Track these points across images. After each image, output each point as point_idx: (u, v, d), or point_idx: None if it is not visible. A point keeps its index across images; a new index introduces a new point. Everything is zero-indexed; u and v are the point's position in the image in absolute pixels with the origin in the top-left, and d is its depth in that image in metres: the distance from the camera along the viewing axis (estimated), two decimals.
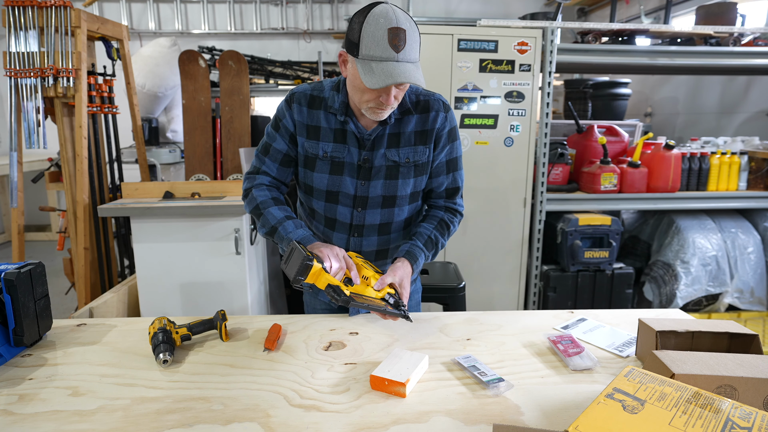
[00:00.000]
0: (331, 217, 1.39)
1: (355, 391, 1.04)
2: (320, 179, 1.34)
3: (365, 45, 1.11)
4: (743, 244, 3.17)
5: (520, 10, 5.81)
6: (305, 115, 1.31)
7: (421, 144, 1.33)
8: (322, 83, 1.34)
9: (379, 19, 1.10)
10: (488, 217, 3.01)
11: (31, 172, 4.54)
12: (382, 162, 1.32)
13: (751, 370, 0.91)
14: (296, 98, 1.32)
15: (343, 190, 1.34)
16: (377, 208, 1.37)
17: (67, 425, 0.92)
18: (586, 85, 4.13)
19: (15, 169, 2.58)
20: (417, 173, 1.36)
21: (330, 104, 1.30)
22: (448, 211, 1.44)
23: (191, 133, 3.72)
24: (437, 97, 1.35)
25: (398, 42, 1.09)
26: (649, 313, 1.50)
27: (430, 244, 1.37)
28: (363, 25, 1.12)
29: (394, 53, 1.10)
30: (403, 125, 1.32)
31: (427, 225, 1.39)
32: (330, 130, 1.31)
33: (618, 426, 0.73)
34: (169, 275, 2.47)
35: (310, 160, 1.34)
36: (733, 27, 3.13)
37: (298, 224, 1.30)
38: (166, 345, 1.15)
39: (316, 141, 1.32)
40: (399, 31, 1.09)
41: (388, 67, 1.10)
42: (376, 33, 1.09)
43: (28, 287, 1.18)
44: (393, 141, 1.32)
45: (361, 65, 1.13)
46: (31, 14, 2.44)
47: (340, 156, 1.32)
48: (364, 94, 1.18)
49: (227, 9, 5.66)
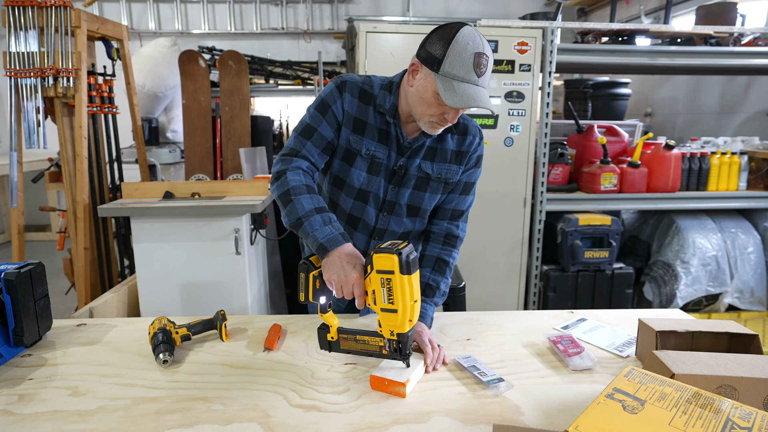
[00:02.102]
0: (356, 216, 1.38)
1: (355, 391, 1.04)
2: (357, 176, 1.33)
3: (450, 63, 1.13)
4: (743, 244, 3.17)
5: (520, 10, 5.81)
6: (356, 107, 1.29)
7: (456, 164, 1.35)
8: (372, 79, 1.32)
9: (468, 41, 1.13)
10: (488, 217, 3.01)
11: (31, 172, 4.53)
12: (415, 172, 1.33)
13: (751, 370, 0.91)
14: (348, 87, 1.28)
15: (374, 191, 1.34)
16: (402, 216, 1.38)
17: (67, 425, 0.92)
18: (586, 85, 4.13)
19: (15, 169, 2.58)
20: (445, 190, 1.38)
21: (380, 103, 1.29)
22: (446, 241, 1.39)
23: (191, 133, 3.73)
24: (475, 124, 1.39)
25: (481, 67, 1.13)
26: (649, 313, 1.50)
27: (430, 290, 1.33)
28: (451, 43, 1.13)
29: (476, 77, 1.13)
30: (442, 142, 1.33)
31: (423, 271, 1.34)
32: (375, 128, 1.30)
33: (618, 426, 0.73)
34: (169, 275, 2.47)
35: (351, 155, 1.32)
36: (733, 27, 3.13)
37: (326, 219, 1.18)
38: (166, 345, 1.15)
39: (361, 137, 1.30)
40: (483, 57, 1.13)
41: (469, 89, 1.13)
42: (464, 54, 1.12)
43: (28, 287, 1.18)
44: (430, 154, 1.33)
45: (441, 81, 1.14)
46: (31, 14, 2.44)
47: (381, 157, 1.32)
48: (431, 107, 1.19)
49: (227, 9, 5.66)
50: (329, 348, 1.14)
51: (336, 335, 1.12)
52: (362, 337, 1.11)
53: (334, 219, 1.20)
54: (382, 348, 1.08)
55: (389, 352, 1.07)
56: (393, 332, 1.05)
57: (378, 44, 2.71)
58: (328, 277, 1.10)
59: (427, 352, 1.14)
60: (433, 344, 1.17)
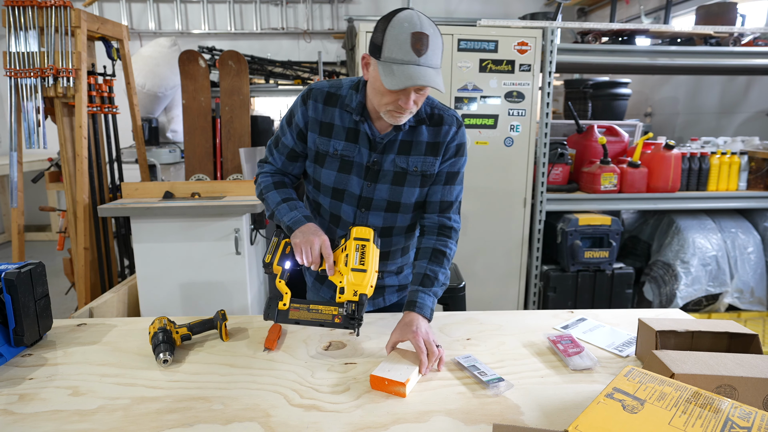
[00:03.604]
0: (335, 214, 1.40)
1: (355, 391, 1.04)
2: (328, 176, 1.35)
3: (388, 48, 1.13)
4: (743, 244, 3.17)
5: (520, 10, 5.81)
6: (320, 111, 1.32)
7: (432, 155, 1.34)
8: (341, 81, 1.35)
9: (403, 23, 1.12)
10: (488, 217, 3.01)
11: (31, 172, 4.53)
12: (390, 167, 1.33)
13: (751, 370, 0.91)
14: (313, 95, 1.33)
15: (349, 189, 1.36)
16: (381, 212, 1.38)
17: (67, 425, 0.92)
18: (586, 85, 4.13)
19: (15, 169, 2.58)
20: (424, 183, 1.36)
21: (347, 102, 1.31)
22: (441, 232, 1.38)
23: (191, 133, 3.72)
24: (452, 112, 1.37)
25: (420, 46, 1.11)
26: (649, 313, 1.50)
27: (428, 280, 1.29)
28: (387, 28, 1.14)
29: (415, 57, 1.11)
30: (416, 134, 1.33)
31: (421, 263, 1.34)
32: (343, 128, 1.32)
33: (618, 426, 0.73)
34: (169, 275, 2.47)
35: (321, 157, 1.35)
36: (733, 27, 3.13)
37: (292, 206, 1.33)
38: (166, 345, 1.15)
39: (328, 138, 1.33)
40: (422, 36, 1.11)
41: (409, 69, 1.11)
42: (400, 36, 1.11)
43: (28, 287, 1.18)
44: (404, 148, 1.33)
45: (382, 67, 1.14)
46: (31, 14, 2.44)
47: (350, 155, 1.33)
48: (384, 96, 1.19)
49: (227, 9, 5.66)
50: (275, 317, 1.14)
51: (288, 304, 1.14)
52: (315, 306, 1.15)
53: (300, 206, 1.34)
54: (335, 317, 1.14)
55: (342, 320, 1.12)
56: (356, 292, 1.15)
57: None
58: (294, 240, 1.23)
59: (421, 360, 1.09)
60: (429, 347, 1.12)
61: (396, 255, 1.48)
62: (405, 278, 1.56)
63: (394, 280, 1.54)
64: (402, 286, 1.56)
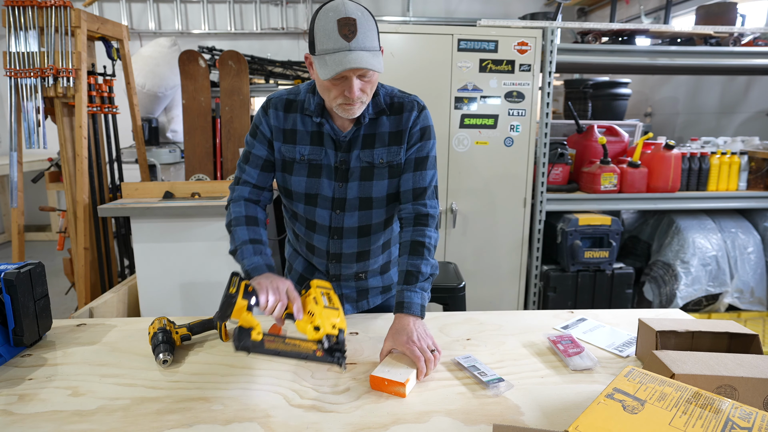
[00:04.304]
0: (311, 219, 1.38)
1: (355, 391, 1.04)
2: (298, 182, 1.34)
3: (319, 40, 1.12)
4: (743, 244, 3.17)
5: (520, 10, 5.81)
6: (281, 119, 1.31)
7: (395, 144, 1.32)
8: (299, 87, 1.34)
9: (328, 12, 1.11)
10: (488, 217, 3.01)
11: (31, 172, 4.54)
12: (357, 163, 1.31)
13: (751, 370, 0.91)
14: (272, 104, 1.32)
15: (321, 192, 1.33)
16: (355, 210, 1.36)
17: (67, 425, 0.92)
18: (586, 85, 4.13)
19: (15, 169, 2.58)
20: (392, 174, 1.34)
21: (306, 106, 1.30)
22: (417, 221, 1.33)
23: (191, 133, 3.73)
24: (412, 98, 1.34)
25: (348, 31, 1.10)
26: (649, 313, 1.50)
27: (411, 277, 1.25)
28: (314, 21, 1.14)
29: (345, 43, 1.10)
30: (378, 126, 1.31)
31: (401, 259, 1.30)
32: (306, 133, 1.31)
33: (618, 426, 0.73)
34: (169, 275, 2.47)
35: (288, 164, 1.34)
36: (733, 27, 3.13)
37: (257, 250, 1.27)
38: (166, 345, 1.15)
39: (293, 145, 1.32)
40: (349, 21, 1.10)
41: (339, 56, 1.10)
42: (327, 26, 1.11)
43: (28, 287, 1.18)
44: (367, 142, 1.31)
45: (317, 61, 1.14)
46: (31, 14, 2.44)
47: (318, 158, 1.31)
48: (330, 91, 1.17)
49: (227, 9, 5.66)
50: (250, 348, 0.99)
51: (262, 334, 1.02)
52: (292, 340, 1.04)
53: (266, 252, 1.28)
54: (316, 351, 1.03)
55: (324, 353, 1.02)
56: (335, 326, 1.07)
57: None
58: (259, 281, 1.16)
59: (419, 367, 1.07)
60: (425, 354, 1.09)
61: (377, 253, 1.45)
62: (389, 278, 1.53)
63: (378, 281, 1.51)
64: (386, 287, 1.53)
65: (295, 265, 1.54)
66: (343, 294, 1.48)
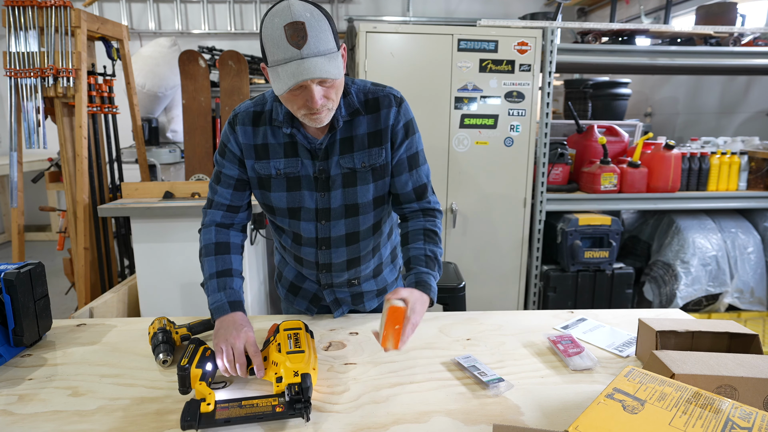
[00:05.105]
0: (296, 232, 1.32)
1: (355, 391, 1.04)
2: (278, 198, 1.26)
3: (269, 51, 1.02)
4: (743, 244, 3.17)
5: (520, 10, 5.81)
6: (250, 134, 1.22)
7: (376, 146, 1.22)
8: (265, 96, 1.24)
9: (274, 18, 1.00)
10: (488, 217, 3.01)
11: (31, 172, 4.54)
12: (337, 170, 1.23)
13: (751, 370, 0.91)
14: (239, 119, 1.22)
15: (304, 205, 1.26)
16: (341, 219, 1.28)
17: (67, 425, 0.92)
18: (586, 85, 4.13)
19: (15, 169, 2.58)
20: (376, 177, 1.25)
21: (274, 117, 1.20)
22: (426, 215, 1.32)
23: (191, 133, 3.72)
24: (387, 91, 1.23)
25: (297, 38, 0.98)
26: (649, 313, 1.50)
27: (431, 262, 1.24)
28: (262, 31, 1.03)
29: (295, 50, 0.98)
30: (354, 128, 1.21)
31: (416, 244, 1.27)
32: (279, 145, 1.21)
33: (618, 426, 0.73)
34: (169, 275, 2.47)
35: (265, 181, 1.25)
36: (733, 27, 3.13)
37: (221, 285, 1.21)
38: (166, 345, 1.15)
39: (266, 160, 1.23)
40: (297, 25, 0.98)
41: (292, 66, 0.99)
42: (274, 34, 0.99)
43: (28, 287, 1.18)
44: (346, 147, 1.21)
45: (271, 73, 1.04)
46: (31, 14, 2.44)
47: (295, 171, 1.23)
48: (292, 102, 1.07)
49: (227, 9, 5.66)
50: (197, 423, 0.89)
51: (213, 404, 0.94)
52: (249, 401, 0.96)
53: (230, 284, 1.22)
54: (275, 407, 0.94)
55: (285, 407, 0.94)
56: (298, 373, 0.97)
57: (378, 44, 2.71)
58: (215, 342, 1.08)
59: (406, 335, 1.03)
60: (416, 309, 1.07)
61: (367, 258, 1.39)
62: (383, 280, 1.48)
63: (372, 285, 1.46)
64: (381, 290, 1.48)
65: (285, 273, 1.49)
66: (338, 299, 1.43)
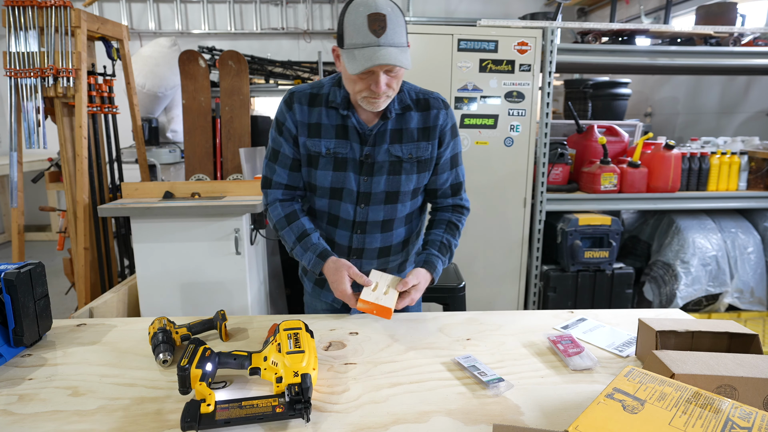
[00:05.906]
0: (334, 214, 1.40)
1: (355, 391, 1.04)
2: (324, 177, 1.35)
3: (348, 34, 1.14)
4: (743, 244, 3.17)
5: (520, 10, 5.81)
6: (306, 113, 1.32)
7: (424, 140, 1.34)
8: (322, 81, 1.36)
9: (359, 7, 1.12)
10: (488, 217, 3.01)
11: (31, 172, 4.54)
12: (385, 158, 1.33)
13: (751, 370, 0.91)
14: (296, 98, 1.33)
15: (346, 186, 1.35)
16: (380, 204, 1.38)
17: (67, 425, 0.92)
18: (586, 85, 4.13)
19: (15, 169, 2.58)
20: (420, 169, 1.37)
21: (332, 99, 1.31)
22: (455, 210, 1.46)
23: (191, 133, 3.72)
24: (436, 95, 1.37)
25: (377, 27, 1.11)
26: (649, 313, 1.50)
27: (444, 248, 1.40)
28: (344, 15, 1.15)
29: (375, 38, 1.11)
30: (405, 121, 1.33)
31: (436, 231, 1.42)
32: (331, 126, 1.31)
33: (618, 426, 0.73)
34: (169, 275, 2.47)
35: (313, 158, 1.34)
36: (733, 27, 3.13)
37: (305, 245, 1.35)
38: (166, 345, 1.15)
39: (318, 138, 1.32)
40: (379, 16, 1.11)
41: (368, 52, 1.11)
42: (357, 21, 1.12)
43: (28, 287, 1.18)
44: (396, 137, 1.33)
45: (345, 55, 1.15)
46: (31, 14, 2.44)
47: (343, 152, 1.32)
48: (356, 84, 1.19)
49: (227, 9, 5.66)
50: (198, 425, 0.89)
51: (213, 405, 0.94)
52: (249, 402, 0.96)
53: (311, 242, 1.35)
54: (275, 407, 0.94)
55: (285, 408, 0.94)
56: (298, 373, 0.97)
57: None
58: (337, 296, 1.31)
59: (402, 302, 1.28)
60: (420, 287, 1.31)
61: (397, 249, 1.47)
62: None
63: None
64: None
65: None
66: None
